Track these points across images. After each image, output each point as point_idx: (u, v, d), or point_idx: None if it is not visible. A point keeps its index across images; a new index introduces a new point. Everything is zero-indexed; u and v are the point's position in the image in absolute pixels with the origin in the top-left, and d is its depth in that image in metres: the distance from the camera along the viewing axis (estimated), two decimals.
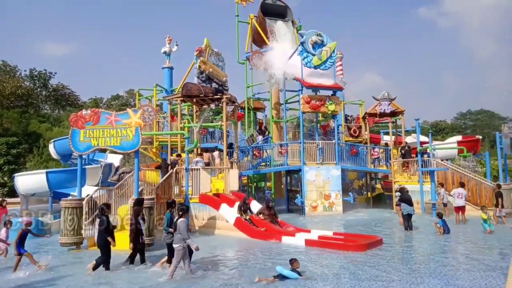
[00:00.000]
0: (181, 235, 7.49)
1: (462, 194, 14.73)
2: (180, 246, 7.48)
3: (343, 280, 7.21)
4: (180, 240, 7.49)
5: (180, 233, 7.50)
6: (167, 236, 8.34)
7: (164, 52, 24.39)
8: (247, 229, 12.60)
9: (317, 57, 18.72)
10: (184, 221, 7.66)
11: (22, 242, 8.54)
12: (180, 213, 7.81)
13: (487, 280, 6.98)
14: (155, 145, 21.73)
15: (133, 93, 41.93)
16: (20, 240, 8.52)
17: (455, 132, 55.84)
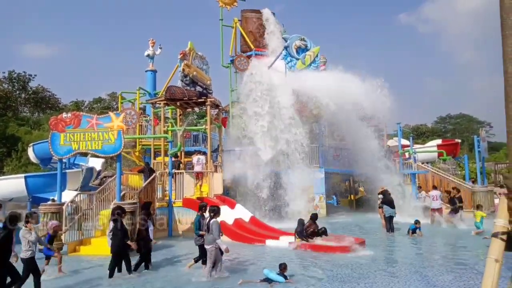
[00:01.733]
0: (213, 236, 7.49)
1: (437, 196, 15.06)
2: (213, 247, 7.51)
3: (327, 283, 7.25)
4: (212, 241, 7.51)
5: (212, 234, 7.49)
6: (197, 238, 8.33)
7: (147, 55, 24.15)
8: (232, 233, 12.54)
9: (301, 61, 18.91)
10: (216, 221, 7.67)
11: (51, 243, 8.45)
12: (211, 214, 7.78)
13: (465, 279, 7.15)
14: (138, 149, 21.44)
15: (116, 96, 41.34)
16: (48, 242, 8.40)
17: (435, 135, 57.10)
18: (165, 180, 14.46)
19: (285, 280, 7.22)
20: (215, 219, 7.67)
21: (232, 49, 24.03)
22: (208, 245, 7.58)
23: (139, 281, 7.71)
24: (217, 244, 7.50)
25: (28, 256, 6.56)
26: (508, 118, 3.13)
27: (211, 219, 7.67)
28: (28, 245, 6.58)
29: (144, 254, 8.58)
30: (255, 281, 7.31)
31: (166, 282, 7.65)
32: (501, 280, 3.14)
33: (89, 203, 12.09)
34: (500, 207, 3.17)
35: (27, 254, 6.55)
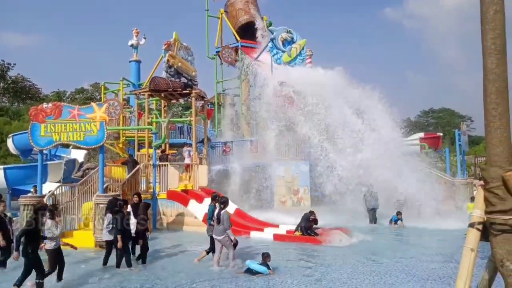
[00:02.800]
0: (223, 226, 7.63)
1: None
2: (226, 236, 7.67)
3: (310, 273, 7.35)
4: (223, 232, 7.65)
5: (223, 224, 7.62)
6: (209, 228, 8.36)
7: (131, 45, 23.68)
8: None
9: (287, 54, 18.89)
10: (226, 212, 7.81)
11: None
12: (221, 205, 7.87)
13: (444, 270, 7.35)
14: (122, 141, 21.14)
15: (99, 86, 40.46)
16: None
17: (418, 129, 58.07)
18: (149, 172, 14.33)
19: (268, 270, 7.26)
20: (225, 210, 7.82)
21: (218, 40, 23.84)
22: (220, 236, 7.71)
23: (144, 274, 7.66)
24: (227, 234, 7.68)
25: (52, 248, 6.70)
26: (486, 112, 3.20)
27: (221, 210, 7.80)
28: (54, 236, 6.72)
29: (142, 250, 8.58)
30: (238, 272, 7.35)
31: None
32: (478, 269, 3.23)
33: (71, 195, 11.90)
34: (477, 198, 3.25)
35: (51, 246, 6.69)
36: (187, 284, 6.92)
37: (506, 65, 3.12)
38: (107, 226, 8.04)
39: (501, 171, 3.07)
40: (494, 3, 3.11)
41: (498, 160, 3.10)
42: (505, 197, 3.05)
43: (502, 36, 3.13)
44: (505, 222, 3.06)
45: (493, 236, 3.13)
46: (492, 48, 3.14)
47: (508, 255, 3.00)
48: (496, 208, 3.08)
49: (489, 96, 3.13)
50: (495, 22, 3.12)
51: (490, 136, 3.13)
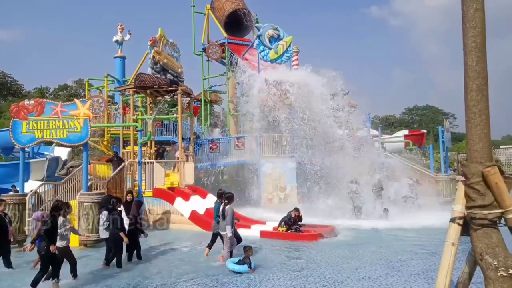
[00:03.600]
0: (226, 222, 7.69)
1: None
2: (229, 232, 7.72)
3: (296, 269, 7.39)
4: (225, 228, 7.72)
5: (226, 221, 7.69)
6: (216, 225, 8.40)
7: (116, 41, 23.33)
8: (203, 223, 12.51)
9: (274, 50, 18.86)
10: (231, 208, 7.87)
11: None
12: (225, 201, 7.94)
13: (427, 264, 7.49)
14: (107, 138, 20.85)
15: (83, 83, 39.81)
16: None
17: (403, 126, 58.95)
18: (135, 170, 14.18)
19: (249, 269, 7.20)
20: (229, 206, 7.88)
21: (204, 36, 23.69)
22: (223, 231, 7.79)
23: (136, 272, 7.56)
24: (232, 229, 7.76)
25: (64, 245, 6.75)
26: (467, 108, 3.25)
27: (225, 206, 7.87)
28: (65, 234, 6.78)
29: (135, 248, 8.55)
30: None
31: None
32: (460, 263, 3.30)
33: (54, 193, 11.70)
34: (458, 194, 3.31)
35: (63, 243, 6.72)
36: (172, 282, 6.88)
37: (486, 63, 3.18)
38: (103, 224, 7.97)
39: (481, 167, 3.13)
40: (474, 1, 3.16)
41: (478, 156, 3.16)
42: (485, 192, 3.11)
43: (482, 34, 3.19)
44: (485, 217, 3.12)
45: (473, 231, 3.20)
46: (473, 46, 3.19)
47: (487, 249, 3.06)
48: (476, 203, 3.14)
49: (469, 93, 3.19)
50: (475, 20, 3.17)
51: (471, 132, 3.19)
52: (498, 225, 3.14)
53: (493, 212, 3.07)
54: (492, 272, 2.99)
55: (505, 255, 3.00)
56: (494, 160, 3.18)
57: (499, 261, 2.97)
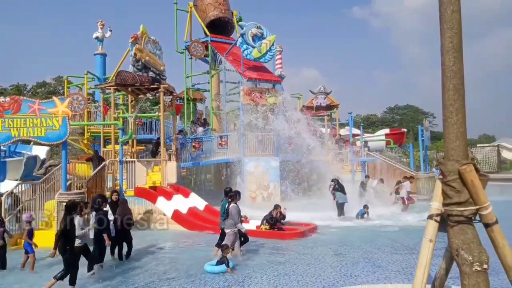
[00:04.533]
0: (233, 221, 7.81)
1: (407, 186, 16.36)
2: (232, 231, 7.85)
3: (279, 267, 7.42)
4: (231, 225, 7.84)
5: (232, 219, 7.80)
6: (222, 222, 8.45)
7: (96, 37, 22.86)
8: (186, 222, 12.42)
9: (257, 49, 18.85)
10: (235, 206, 7.99)
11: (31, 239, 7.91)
12: (229, 199, 8.06)
13: (407, 261, 7.64)
14: (87, 136, 20.44)
15: (62, 80, 38.89)
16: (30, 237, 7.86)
17: (384, 125, 59.93)
18: (116, 169, 13.95)
19: (227, 268, 7.19)
20: (234, 204, 8.00)
21: (186, 34, 23.49)
22: (228, 229, 7.89)
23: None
24: (236, 228, 7.86)
25: (78, 245, 6.73)
26: (444, 107, 3.33)
27: (230, 204, 7.99)
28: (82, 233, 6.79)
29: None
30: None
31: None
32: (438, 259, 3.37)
33: (32, 193, 11.39)
34: (435, 191, 3.39)
35: (78, 243, 6.71)
36: (153, 282, 6.81)
37: (462, 63, 3.26)
38: (92, 224, 7.84)
39: (458, 165, 3.21)
40: (451, 3, 3.24)
41: (454, 154, 3.25)
42: (461, 189, 3.20)
43: (459, 35, 3.28)
44: (461, 213, 3.21)
45: (450, 227, 3.28)
46: (450, 46, 3.27)
47: (463, 245, 3.15)
48: (452, 200, 3.23)
49: (447, 93, 3.27)
50: (452, 22, 3.25)
51: (448, 131, 3.27)
52: (473, 221, 3.24)
53: (469, 209, 3.16)
54: (468, 267, 3.08)
55: (480, 251, 3.10)
56: (470, 158, 3.27)
57: (474, 256, 3.06)
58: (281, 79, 22.65)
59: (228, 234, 7.91)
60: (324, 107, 23.50)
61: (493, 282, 5.38)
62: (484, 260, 3.03)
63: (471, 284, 3.07)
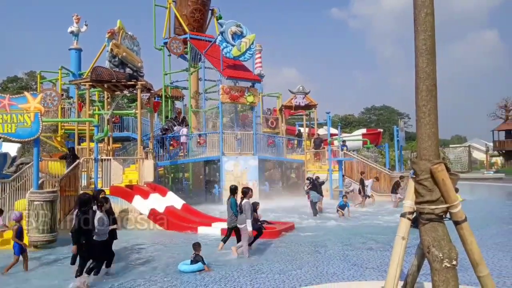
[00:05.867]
0: (245, 216, 7.93)
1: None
2: (246, 226, 7.96)
3: (256, 266, 7.43)
4: (245, 221, 7.96)
5: (245, 214, 7.93)
6: (232, 220, 8.56)
7: (71, 32, 22.25)
8: (162, 221, 12.26)
9: (237, 48, 18.80)
10: (248, 202, 8.12)
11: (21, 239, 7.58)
12: (242, 195, 8.19)
13: (382, 258, 7.80)
14: (60, 134, 19.88)
15: (35, 75, 37.59)
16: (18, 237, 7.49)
17: (361, 125, 61.08)
18: (91, 167, 13.61)
19: (203, 266, 7.15)
20: (247, 200, 8.13)
21: (165, 30, 23.20)
22: (241, 225, 8.04)
23: None
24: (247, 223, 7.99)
25: (103, 239, 6.80)
26: (417, 108, 3.41)
27: (242, 200, 8.12)
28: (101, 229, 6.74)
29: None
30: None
31: None
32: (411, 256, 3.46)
33: (1, 192, 10.97)
34: (408, 190, 3.47)
35: (102, 238, 6.77)
36: (129, 282, 6.69)
37: (435, 65, 3.35)
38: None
39: (430, 164, 3.30)
40: (425, 6, 3.32)
41: (427, 153, 3.33)
42: (433, 188, 3.29)
43: (432, 37, 3.36)
44: (432, 211, 3.30)
45: (421, 225, 3.37)
46: (423, 48, 3.36)
47: (434, 242, 3.24)
48: (424, 198, 3.32)
49: (420, 94, 3.35)
50: (426, 24, 3.34)
51: (420, 131, 3.35)
52: (444, 219, 3.33)
53: (440, 207, 3.25)
54: (438, 264, 3.17)
55: (450, 248, 3.19)
56: (441, 158, 3.37)
57: (444, 253, 3.15)
58: (260, 78, 22.74)
59: (243, 229, 8.08)
60: (303, 107, 23.70)
61: (463, 278, 5.58)
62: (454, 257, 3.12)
63: (441, 280, 3.16)
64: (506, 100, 48.50)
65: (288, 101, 23.55)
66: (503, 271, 6.67)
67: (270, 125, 26.05)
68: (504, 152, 46.21)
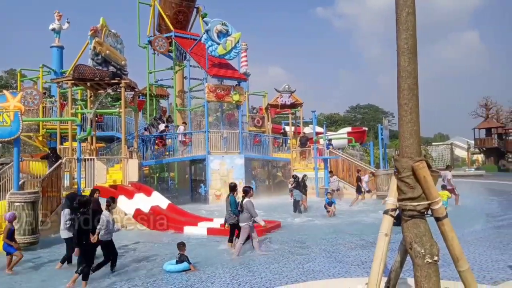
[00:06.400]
0: (248, 214, 8.07)
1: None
2: (247, 224, 8.09)
3: (242, 265, 7.42)
4: (247, 219, 8.07)
5: (248, 212, 8.06)
6: (231, 217, 8.79)
7: (52, 29, 21.76)
8: (148, 221, 12.13)
9: (222, 46, 18.72)
10: (249, 201, 8.24)
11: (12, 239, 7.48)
12: (243, 194, 8.33)
13: (366, 255, 7.89)
14: (42, 133, 19.47)
15: (15, 73, 36.68)
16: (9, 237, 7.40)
17: (346, 124, 61.69)
18: (74, 167, 13.37)
19: (189, 265, 7.13)
20: (248, 199, 8.25)
21: (150, 28, 22.95)
22: (243, 223, 8.13)
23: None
24: (251, 222, 8.12)
25: (109, 239, 7.04)
26: (399, 106, 3.46)
27: (243, 199, 8.23)
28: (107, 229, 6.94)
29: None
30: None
31: None
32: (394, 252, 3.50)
33: None
34: (391, 187, 3.52)
35: (108, 237, 7.00)
36: (111, 283, 6.60)
37: (416, 64, 3.40)
38: (65, 223, 7.61)
39: (412, 162, 3.35)
40: (406, 5, 3.36)
41: (409, 151, 3.38)
42: (414, 185, 3.34)
43: (414, 37, 3.41)
44: (414, 208, 3.35)
45: (404, 222, 3.42)
46: (405, 47, 3.40)
47: (416, 238, 3.29)
48: (406, 195, 3.36)
49: (401, 92, 3.39)
50: (407, 24, 3.38)
51: (402, 129, 3.40)
52: (425, 215, 3.39)
53: (422, 203, 3.31)
54: (420, 260, 3.22)
55: (431, 243, 3.25)
56: (422, 155, 3.42)
57: (425, 249, 3.20)
58: (246, 76, 22.72)
59: (243, 228, 8.14)
60: (288, 106, 23.78)
61: (445, 273, 5.70)
62: (435, 253, 3.18)
63: (423, 276, 3.22)
64: (486, 99, 49.69)
65: (274, 100, 23.59)
66: (483, 265, 6.84)
67: (256, 123, 26.06)
68: (485, 149, 47.35)
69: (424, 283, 3.19)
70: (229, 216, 8.91)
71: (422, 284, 3.20)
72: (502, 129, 45.95)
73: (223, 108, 22.62)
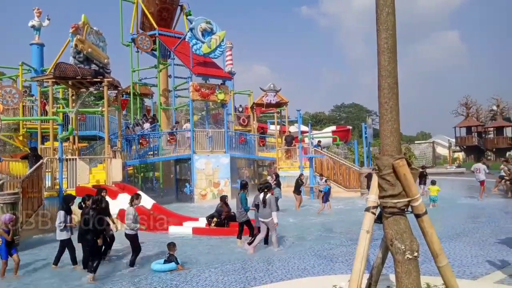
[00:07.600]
0: (270, 210, 8.26)
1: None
2: (272, 219, 8.30)
3: (229, 264, 7.42)
4: (270, 214, 8.27)
5: (270, 208, 8.26)
6: (243, 214, 8.91)
7: (32, 26, 21.23)
8: None
9: (207, 44, 18.63)
10: (273, 197, 8.50)
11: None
12: (265, 190, 8.50)
13: (351, 252, 7.98)
14: (22, 133, 19.01)
15: None
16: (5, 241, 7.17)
17: (331, 123, 62.23)
18: (55, 168, 13.11)
19: (177, 265, 7.13)
20: (270, 195, 8.47)
21: (133, 26, 22.66)
22: (267, 219, 8.29)
23: None
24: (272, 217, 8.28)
25: (134, 233, 7.37)
26: (380, 105, 3.51)
27: (266, 195, 8.40)
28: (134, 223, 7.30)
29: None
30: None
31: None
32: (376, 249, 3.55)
33: None
34: (372, 185, 3.57)
35: (132, 232, 7.33)
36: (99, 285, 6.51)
37: (396, 63, 3.45)
38: (59, 225, 7.54)
39: (392, 159, 3.40)
40: (386, 5, 3.41)
41: (389, 149, 3.43)
42: (395, 183, 3.39)
43: (394, 36, 3.46)
44: (395, 205, 3.41)
45: (385, 218, 3.47)
46: (385, 46, 3.45)
47: (396, 235, 3.35)
48: (387, 193, 3.41)
49: (382, 91, 3.44)
50: (387, 23, 3.42)
51: (383, 127, 3.45)
52: (406, 212, 3.45)
53: (402, 201, 3.36)
54: (400, 256, 3.27)
55: (411, 240, 3.31)
56: (402, 153, 3.48)
57: (406, 245, 3.26)
58: (231, 75, 22.67)
59: (270, 223, 8.28)
60: (274, 105, 23.82)
61: (427, 268, 5.81)
62: (415, 249, 3.24)
63: (403, 271, 3.27)
64: (466, 98, 50.86)
65: (259, 98, 23.61)
66: (463, 260, 7.00)
67: (241, 122, 26.03)
68: (465, 147, 48.47)
69: (405, 279, 3.25)
70: (239, 214, 9.04)
71: (402, 280, 3.26)
72: (482, 128, 47.14)
73: (208, 107, 22.50)
